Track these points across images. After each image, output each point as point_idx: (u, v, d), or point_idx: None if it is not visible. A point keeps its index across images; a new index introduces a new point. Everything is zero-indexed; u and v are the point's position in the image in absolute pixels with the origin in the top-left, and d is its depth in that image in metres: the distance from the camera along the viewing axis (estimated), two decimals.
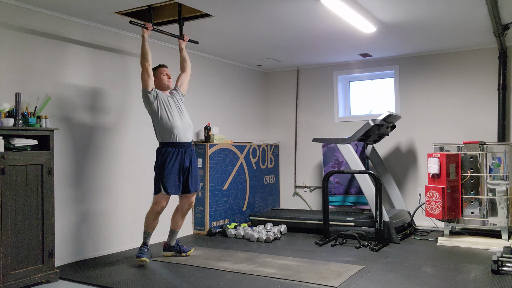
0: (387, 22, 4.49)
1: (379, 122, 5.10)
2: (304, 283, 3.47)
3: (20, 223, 3.39)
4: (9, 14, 3.75)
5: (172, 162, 4.01)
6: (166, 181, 3.98)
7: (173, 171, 4.01)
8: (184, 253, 4.32)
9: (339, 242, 4.88)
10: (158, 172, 4.04)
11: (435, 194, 4.69)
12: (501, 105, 5.41)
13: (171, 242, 4.32)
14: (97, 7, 3.96)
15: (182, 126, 4.09)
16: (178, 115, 4.10)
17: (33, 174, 3.49)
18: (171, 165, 4.00)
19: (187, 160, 4.09)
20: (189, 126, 4.18)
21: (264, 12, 4.12)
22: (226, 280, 3.59)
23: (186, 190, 4.14)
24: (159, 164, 4.03)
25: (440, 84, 5.88)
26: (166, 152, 4.02)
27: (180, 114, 4.12)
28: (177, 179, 4.04)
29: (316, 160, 6.65)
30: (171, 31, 4.27)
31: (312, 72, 6.77)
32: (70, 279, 3.68)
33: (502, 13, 4.25)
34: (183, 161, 4.06)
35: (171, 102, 4.11)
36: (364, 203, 5.72)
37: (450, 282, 3.46)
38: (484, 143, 4.78)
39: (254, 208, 6.29)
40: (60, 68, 4.15)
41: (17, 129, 3.42)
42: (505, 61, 5.42)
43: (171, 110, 4.06)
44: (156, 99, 4.02)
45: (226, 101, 6.26)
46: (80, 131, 4.31)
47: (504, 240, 4.65)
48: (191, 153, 4.15)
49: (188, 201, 4.24)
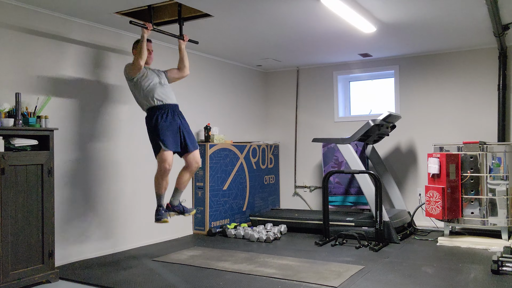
0: (387, 22, 4.49)
1: (379, 122, 5.10)
2: (304, 283, 3.47)
3: (20, 223, 3.39)
4: (9, 14, 3.75)
5: (163, 120, 4.00)
6: (163, 138, 3.96)
7: (167, 128, 4.00)
8: (187, 213, 4.29)
9: (339, 242, 4.88)
10: (153, 133, 4.02)
11: (435, 194, 4.69)
12: (501, 105, 5.41)
13: (174, 201, 4.27)
14: (97, 7, 3.96)
15: (164, 90, 4.10)
16: (158, 80, 4.10)
17: (33, 174, 3.49)
18: (163, 123, 3.99)
19: (177, 119, 4.09)
20: (170, 90, 4.19)
21: (264, 12, 4.12)
22: (226, 280, 3.59)
23: (186, 149, 4.13)
24: (151, 126, 4.01)
25: (440, 84, 5.88)
26: (155, 115, 4.01)
27: (160, 80, 4.13)
28: (173, 135, 4.03)
29: (316, 160, 6.65)
30: (171, 31, 4.27)
31: (312, 72, 6.77)
32: (70, 279, 3.68)
33: (502, 13, 4.25)
34: (173, 120, 4.06)
35: (150, 72, 4.12)
36: (364, 203, 5.72)
37: (450, 282, 3.46)
38: (484, 143, 4.78)
39: (254, 208, 6.29)
40: (60, 68, 4.15)
41: (17, 129, 3.42)
42: (505, 61, 5.42)
43: (150, 78, 4.06)
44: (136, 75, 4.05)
45: (226, 101, 6.26)
46: (80, 131, 4.31)
47: (504, 240, 4.65)
48: (180, 113, 4.16)
49: (195, 158, 4.19)
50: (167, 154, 3.99)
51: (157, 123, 3.99)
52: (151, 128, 4.03)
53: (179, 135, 4.08)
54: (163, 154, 3.98)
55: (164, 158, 3.98)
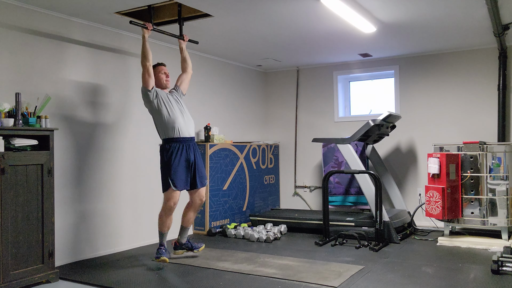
0: (387, 22, 4.49)
1: (379, 122, 5.10)
2: (304, 283, 3.47)
3: (20, 223, 3.39)
4: (9, 14, 3.75)
5: (178, 157, 3.98)
6: (174, 176, 3.95)
7: (180, 165, 3.98)
8: (196, 249, 4.29)
9: (339, 242, 4.88)
10: (165, 169, 4.00)
11: (435, 194, 4.69)
12: (501, 105, 5.41)
13: (182, 239, 4.28)
14: (97, 7, 3.96)
15: (184, 121, 4.07)
16: (178, 110, 4.08)
17: (33, 174, 3.49)
18: (177, 160, 3.97)
19: (192, 155, 4.07)
20: (190, 121, 4.17)
21: (264, 12, 4.12)
22: (226, 280, 3.59)
23: (194, 186, 4.12)
24: (165, 161, 4.00)
25: (440, 84, 5.88)
26: (171, 148, 3.99)
27: (180, 109, 4.11)
28: (184, 174, 4.01)
29: (316, 160, 6.65)
30: (171, 31, 4.27)
31: (312, 72, 6.78)
32: (70, 279, 3.68)
33: (502, 13, 4.25)
34: (188, 155, 4.04)
35: (171, 99, 4.10)
36: (364, 203, 5.72)
37: (450, 282, 3.46)
38: (484, 143, 4.78)
39: (254, 208, 6.29)
40: (60, 68, 4.15)
41: (17, 129, 3.42)
42: (505, 61, 5.42)
43: (171, 106, 4.04)
44: (156, 97, 4.02)
45: (226, 101, 6.26)
46: (80, 131, 4.31)
47: (504, 240, 4.65)
48: (195, 148, 4.13)
49: (199, 195, 4.21)
50: (175, 194, 3.99)
51: (171, 159, 3.96)
52: (164, 162, 4.01)
53: (190, 172, 4.07)
54: (171, 194, 3.98)
55: (170, 197, 3.99)
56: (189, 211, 4.27)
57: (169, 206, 4.01)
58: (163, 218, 4.07)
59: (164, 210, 4.05)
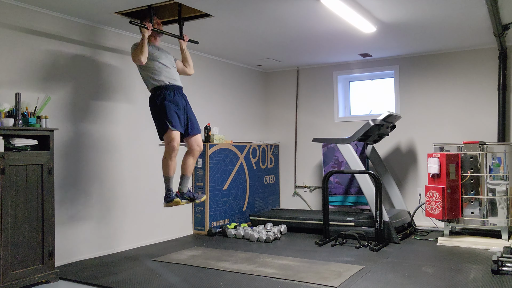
0: (387, 22, 4.49)
1: (379, 122, 5.10)
2: (304, 283, 3.47)
3: (20, 223, 3.39)
4: (9, 14, 3.75)
5: (169, 100, 3.97)
6: (169, 117, 3.93)
7: (173, 108, 3.97)
8: (198, 199, 4.26)
9: (339, 242, 4.88)
10: (159, 113, 3.97)
11: (435, 194, 4.69)
12: (501, 105, 5.41)
13: (183, 189, 4.23)
14: (97, 7, 3.96)
15: (171, 71, 4.09)
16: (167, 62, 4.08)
17: (33, 174, 3.49)
18: (170, 103, 3.96)
19: (182, 100, 4.07)
20: (177, 73, 4.18)
21: (264, 12, 4.12)
22: (226, 280, 3.59)
23: (188, 132, 4.10)
24: (157, 105, 3.97)
25: (440, 84, 5.88)
26: (162, 94, 3.98)
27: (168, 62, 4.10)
28: (178, 116, 4.00)
29: (316, 160, 6.65)
30: (171, 31, 4.27)
31: (312, 72, 6.77)
32: (70, 279, 3.68)
33: (502, 13, 4.25)
34: (179, 100, 4.04)
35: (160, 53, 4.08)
36: (364, 203, 5.72)
37: (450, 282, 3.46)
38: (484, 143, 4.78)
39: (254, 208, 6.29)
40: (60, 68, 4.15)
41: (17, 129, 3.42)
42: (505, 61, 5.42)
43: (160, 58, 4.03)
44: None
45: (226, 101, 6.26)
46: (80, 131, 4.31)
47: (504, 240, 4.65)
48: (185, 96, 4.15)
49: (196, 141, 4.17)
50: (175, 134, 3.95)
51: (164, 102, 3.95)
52: (156, 107, 3.98)
53: (184, 117, 4.06)
54: (170, 134, 3.94)
55: (172, 137, 3.94)
56: (188, 158, 4.20)
57: (172, 147, 3.95)
58: (168, 161, 4.01)
59: (167, 153, 4.00)
